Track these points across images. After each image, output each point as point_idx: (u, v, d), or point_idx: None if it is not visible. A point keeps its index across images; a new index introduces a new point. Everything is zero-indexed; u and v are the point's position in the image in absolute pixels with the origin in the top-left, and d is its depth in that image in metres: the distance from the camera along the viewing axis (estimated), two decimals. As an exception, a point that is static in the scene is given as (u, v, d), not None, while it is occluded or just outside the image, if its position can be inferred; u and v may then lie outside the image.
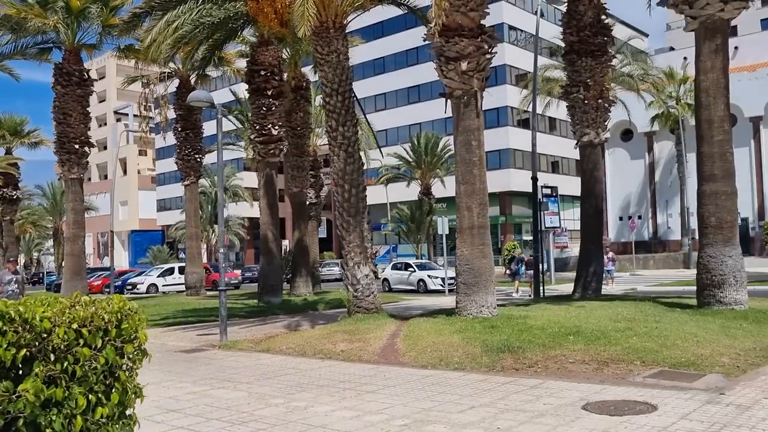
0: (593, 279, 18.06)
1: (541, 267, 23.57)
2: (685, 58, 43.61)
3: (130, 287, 38.95)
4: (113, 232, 44.53)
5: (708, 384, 7.22)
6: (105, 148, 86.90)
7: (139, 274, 42.92)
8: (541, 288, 22.51)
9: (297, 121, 25.87)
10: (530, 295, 22.01)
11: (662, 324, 10.80)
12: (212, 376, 9.42)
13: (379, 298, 15.46)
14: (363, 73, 66.85)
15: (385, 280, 36.98)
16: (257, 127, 21.44)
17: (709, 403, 6.44)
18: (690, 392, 6.90)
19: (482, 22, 12.90)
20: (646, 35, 72.61)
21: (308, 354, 11.11)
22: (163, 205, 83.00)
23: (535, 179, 20.71)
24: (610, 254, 27.25)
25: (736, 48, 47.24)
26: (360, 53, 58.22)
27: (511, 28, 59.97)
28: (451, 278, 31.67)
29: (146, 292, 38.01)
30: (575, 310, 13.24)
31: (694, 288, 13.28)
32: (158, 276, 40.44)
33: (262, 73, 21.16)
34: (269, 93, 21.24)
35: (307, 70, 26.99)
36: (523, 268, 28.57)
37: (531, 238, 47.52)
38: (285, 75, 25.51)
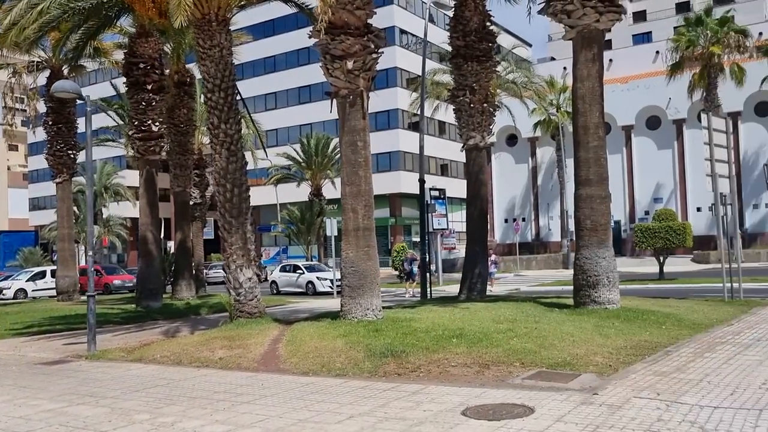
0: (478, 280, 18.35)
1: (428, 268, 23.84)
2: (564, 68, 45.73)
3: (-6, 292, 36.07)
4: (-24, 233, 41.10)
5: (583, 384, 7.34)
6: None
7: (6, 278, 39.82)
8: (429, 289, 22.73)
9: (180, 117, 24.79)
10: (429, 294, 22.19)
11: (541, 324, 11.02)
12: (73, 391, 8.66)
13: (263, 302, 14.95)
14: (253, 72, 65.54)
15: (273, 282, 36.28)
16: (136, 122, 20.29)
17: (584, 403, 6.51)
18: (566, 393, 6.97)
19: (369, 21, 12.72)
20: (530, 45, 75.70)
21: (184, 362, 10.51)
22: (36, 204, 77.75)
23: (422, 181, 20.85)
24: (493, 257, 28.00)
25: (610, 60, 50.06)
26: (250, 51, 57.03)
27: (402, 31, 60.72)
28: (339, 280, 31.54)
29: (13, 298, 35.32)
30: (460, 311, 13.33)
31: (572, 288, 13.72)
32: (27, 280, 37.71)
33: (141, 66, 20.05)
34: (149, 87, 20.16)
35: (194, 66, 25.94)
36: (416, 269, 28.87)
37: (427, 238, 48.40)
38: (169, 69, 24.42)
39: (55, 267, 42.42)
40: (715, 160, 14.80)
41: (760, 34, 42.81)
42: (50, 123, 25.03)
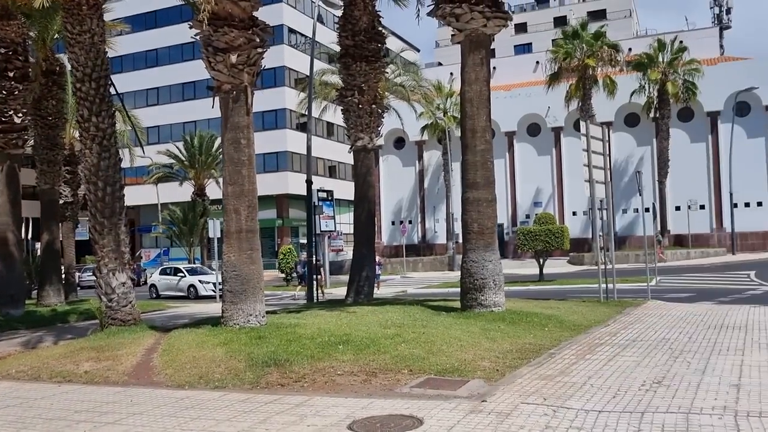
0: (366, 283, 18.15)
1: (319, 271, 23.44)
2: (451, 74, 46.74)
3: None
4: None
5: (471, 391, 7.20)
6: None
7: None
8: (316, 292, 22.33)
9: (49, 109, 22.98)
10: (317, 298, 21.76)
11: (429, 329, 10.90)
12: None
13: (137, 308, 13.99)
14: (134, 65, 62.56)
15: (153, 286, 34.60)
16: (-5, 113, 18.55)
17: (473, 412, 6.35)
18: (454, 401, 6.80)
19: (255, 14, 12.16)
20: (418, 50, 77.10)
21: (43, 378, 9.52)
22: None
23: (309, 182, 20.44)
24: (378, 259, 28.04)
25: (494, 68, 51.54)
26: (130, 43, 54.40)
27: (291, 30, 59.92)
28: (222, 284, 30.49)
29: None
30: (347, 316, 13.02)
31: (458, 290, 13.76)
32: None
33: (2, 51, 18.33)
34: (11, 75, 18.44)
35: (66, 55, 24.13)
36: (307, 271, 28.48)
37: (314, 240, 47.83)
38: (36, 57, 22.58)
39: None
40: (593, 166, 15.36)
41: (630, 49, 45.54)
42: None
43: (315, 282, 22.35)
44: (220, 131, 12.23)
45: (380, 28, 18.36)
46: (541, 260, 27.98)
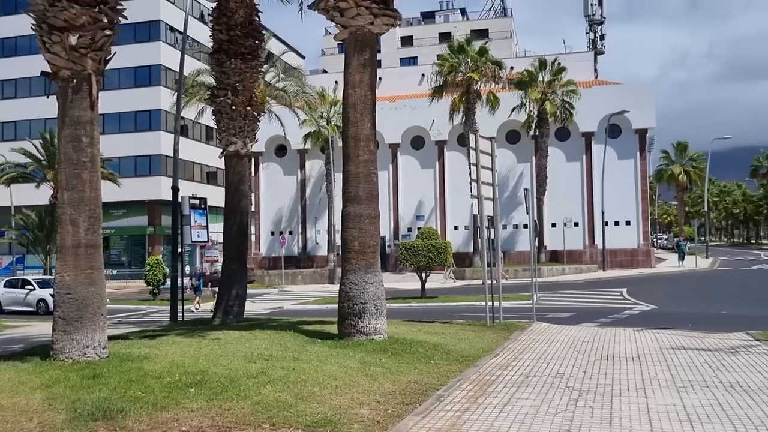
0: (236, 303, 16.45)
1: (182, 285, 21.40)
2: (336, 82, 45.54)
3: None
4: None
5: (345, 454, 5.86)
6: None
7: None
8: (180, 310, 20.31)
9: None
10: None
11: (301, 363, 9.48)
12: None
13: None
14: (-10, 53, 56.91)
15: (-5, 299, 30.96)
16: None
17: (346, 490, 5.01)
18: (324, 471, 5.43)
19: (105, -9, 10.29)
20: (303, 57, 75.57)
21: None
22: None
23: (176, 189, 18.52)
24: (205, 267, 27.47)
25: (380, 78, 51.08)
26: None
27: (170, 28, 56.64)
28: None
29: None
30: (208, 344, 11.34)
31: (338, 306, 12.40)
32: None
33: None
34: None
35: None
36: (203, 285, 27.15)
37: (180, 250, 44.88)
38: None
39: None
40: (482, 182, 14.56)
41: (512, 68, 46.34)
42: None
43: (181, 297, 20.31)
44: (57, 126, 10.24)
45: (258, 24, 16.81)
46: (424, 276, 27.24)
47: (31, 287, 28.97)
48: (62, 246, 9.91)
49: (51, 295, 27.22)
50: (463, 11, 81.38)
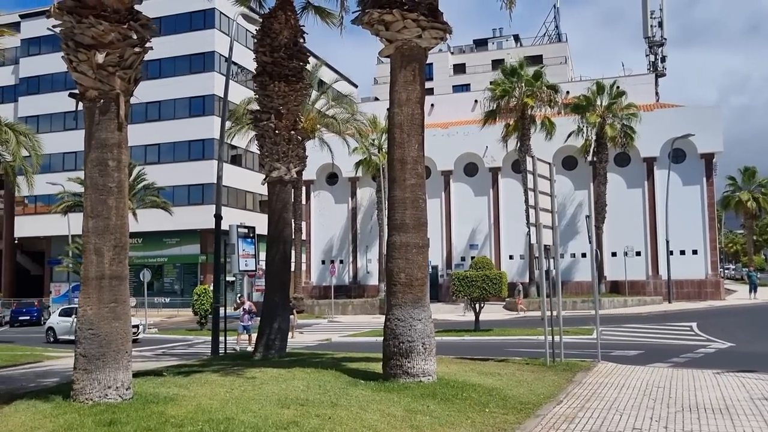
0: (277, 337, 15.61)
1: (225, 316, 20.74)
2: (388, 109, 45.04)
3: None
4: None
5: None
6: None
7: None
8: (222, 343, 19.60)
9: None
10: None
11: (339, 410, 8.48)
12: None
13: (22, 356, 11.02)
14: (52, 86, 58.64)
15: (50, 329, 31.09)
16: None
17: None
18: None
19: (137, 6, 9.74)
20: (356, 86, 75.62)
21: None
22: None
23: (218, 217, 17.94)
24: (248, 305, 25.14)
25: (432, 105, 50.43)
26: (45, 63, 50.49)
27: (225, 59, 57.30)
28: (133, 326, 26.83)
29: None
30: (242, 384, 10.47)
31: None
32: None
33: None
34: None
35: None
36: (251, 322, 24.44)
37: (233, 279, 44.64)
38: None
39: None
40: (540, 208, 13.42)
41: (567, 92, 44.96)
42: None
43: (225, 329, 19.63)
44: (84, 149, 9.63)
45: (303, 45, 16.20)
46: (477, 308, 25.95)
47: (75, 315, 28.83)
48: (85, 277, 9.24)
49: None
50: (516, 38, 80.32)
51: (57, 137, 54.69)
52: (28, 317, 42.82)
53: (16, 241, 58.00)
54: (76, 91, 9.58)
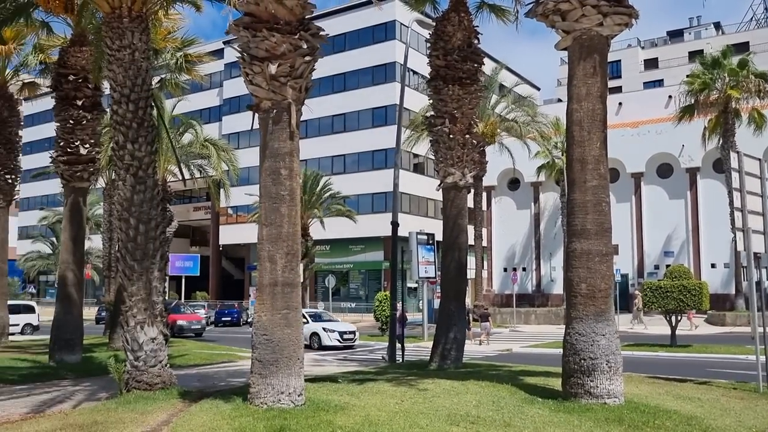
0: (453, 346, 15.17)
1: (403, 323, 20.78)
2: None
3: None
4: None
5: None
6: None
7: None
8: (402, 350, 19.59)
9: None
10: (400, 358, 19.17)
11: (511, 431, 7.85)
12: None
13: (168, 367, 11.80)
14: (239, 106, 63.60)
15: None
16: (62, 143, 17.42)
17: None
18: None
19: (306, 16, 9.87)
20: (538, 89, 73.55)
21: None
22: (25, 233, 75.01)
23: (395, 224, 17.93)
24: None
25: (620, 104, 47.47)
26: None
27: (410, 71, 58.52)
28: (350, 332, 27.91)
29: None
30: (413, 396, 10.19)
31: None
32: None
33: (72, 78, 17.30)
34: (80, 103, 17.38)
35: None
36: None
37: (416, 285, 45.15)
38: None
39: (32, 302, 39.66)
40: (748, 211, 11.75)
41: (781, 81, 39.98)
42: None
43: (403, 336, 19.62)
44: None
45: (477, 47, 15.70)
46: (674, 321, 23.66)
47: (304, 320, 30.18)
48: (260, 284, 9.48)
49: (323, 329, 26.99)
50: (717, 25, 73.49)
51: (255, 152, 59.12)
52: (230, 318, 46.31)
53: (221, 248, 63.41)
54: (253, 104, 9.89)
